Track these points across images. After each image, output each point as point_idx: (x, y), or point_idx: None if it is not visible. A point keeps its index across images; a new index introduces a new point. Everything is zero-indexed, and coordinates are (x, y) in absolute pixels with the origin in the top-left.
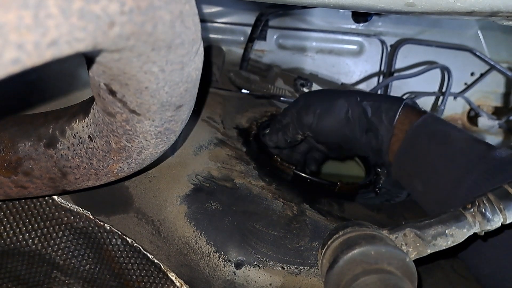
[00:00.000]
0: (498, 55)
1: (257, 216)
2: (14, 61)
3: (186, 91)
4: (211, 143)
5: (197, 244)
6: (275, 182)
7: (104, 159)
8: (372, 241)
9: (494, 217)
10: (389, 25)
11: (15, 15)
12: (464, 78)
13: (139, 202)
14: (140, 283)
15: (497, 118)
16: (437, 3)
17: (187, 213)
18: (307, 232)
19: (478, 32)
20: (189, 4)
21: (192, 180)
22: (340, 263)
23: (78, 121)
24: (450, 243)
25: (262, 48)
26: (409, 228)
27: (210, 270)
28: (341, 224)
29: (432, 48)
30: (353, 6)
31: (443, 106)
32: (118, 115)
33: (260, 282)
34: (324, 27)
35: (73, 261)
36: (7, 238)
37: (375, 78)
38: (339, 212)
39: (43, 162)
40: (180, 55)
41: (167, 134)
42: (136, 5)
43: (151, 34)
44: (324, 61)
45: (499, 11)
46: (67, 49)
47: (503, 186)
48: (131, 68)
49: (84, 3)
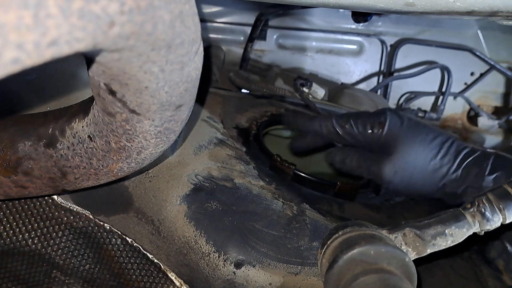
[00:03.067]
0: (498, 55)
1: (257, 216)
2: (14, 61)
3: (186, 91)
4: (211, 143)
5: (197, 243)
6: (275, 182)
7: (103, 158)
8: (371, 241)
9: (493, 217)
10: (389, 25)
11: (15, 15)
12: (464, 78)
13: (139, 202)
14: (140, 282)
15: (497, 118)
16: (437, 3)
17: (187, 212)
18: (306, 232)
19: (478, 32)
20: (189, 4)
21: (192, 180)
22: (339, 262)
23: (78, 121)
24: (449, 243)
25: (262, 48)
26: (408, 228)
27: (210, 269)
28: (340, 224)
29: (432, 48)
30: (353, 6)
31: (443, 106)
32: (118, 115)
33: (260, 282)
34: (324, 27)
35: (73, 261)
36: (7, 238)
37: (375, 78)
38: (339, 212)
39: (43, 162)
40: (180, 55)
41: (167, 134)
42: (136, 5)
43: (151, 34)
44: (324, 61)
45: (499, 11)
46: (67, 49)
47: (502, 186)
48: (131, 68)
49: (84, 3)
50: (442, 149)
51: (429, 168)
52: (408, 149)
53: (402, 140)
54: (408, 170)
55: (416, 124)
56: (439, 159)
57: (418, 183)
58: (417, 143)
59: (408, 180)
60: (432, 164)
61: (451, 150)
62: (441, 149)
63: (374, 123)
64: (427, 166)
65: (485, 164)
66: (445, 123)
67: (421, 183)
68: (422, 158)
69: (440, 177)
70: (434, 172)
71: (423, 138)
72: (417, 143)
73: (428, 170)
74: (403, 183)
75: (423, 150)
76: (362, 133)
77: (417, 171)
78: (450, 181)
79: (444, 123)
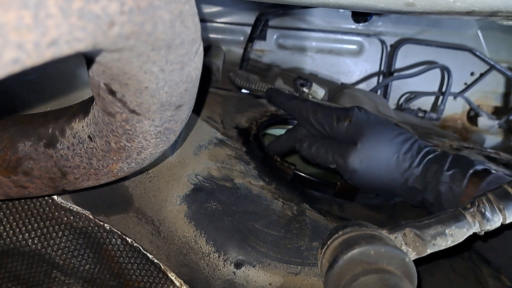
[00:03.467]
0: (498, 55)
1: (257, 216)
2: (14, 61)
3: (186, 91)
4: (211, 143)
5: (197, 244)
6: (275, 182)
7: (103, 159)
8: (371, 241)
9: (493, 217)
10: (389, 25)
11: (15, 15)
12: (464, 78)
13: (139, 202)
14: (140, 283)
15: (497, 118)
16: (437, 3)
17: (187, 213)
18: (307, 232)
19: (478, 32)
20: (189, 4)
21: (192, 180)
22: (339, 263)
23: (78, 121)
24: (449, 243)
25: (262, 48)
26: (408, 228)
27: (210, 270)
28: (340, 224)
29: (432, 48)
30: (353, 6)
31: (443, 106)
32: (118, 115)
33: (260, 282)
34: (324, 27)
35: (73, 261)
36: (7, 238)
37: (375, 78)
38: (339, 212)
39: (43, 162)
40: (180, 55)
41: (167, 134)
42: (136, 5)
43: (151, 34)
44: (324, 61)
45: (499, 11)
46: (67, 49)
47: (502, 186)
48: (131, 68)
49: (84, 3)
50: (405, 145)
51: (392, 161)
52: (374, 141)
53: (368, 133)
54: (373, 161)
55: (382, 121)
56: (403, 154)
57: (382, 175)
58: (382, 137)
59: (372, 171)
60: (396, 157)
61: (414, 147)
62: (404, 145)
63: (342, 115)
64: (391, 159)
65: (444, 161)
66: (445, 123)
67: (385, 175)
68: (387, 151)
69: (403, 171)
70: (398, 165)
71: (388, 133)
72: (382, 137)
73: (392, 163)
74: (367, 173)
75: (388, 143)
76: (330, 124)
77: (381, 162)
78: (411, 176)
79: (444, 123)
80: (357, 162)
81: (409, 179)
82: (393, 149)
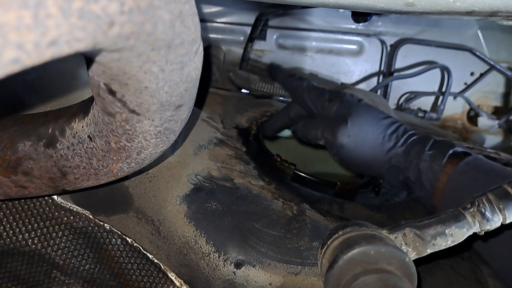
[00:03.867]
0: (498, 55)
1: (257, 216)
2: (13, 61)
3: (186, 91)
4: (211, 143)
5: (197, 244)
6: (275, 182)
7: (103, 159)
8: (371, 241)
9: (493, 217)
10: (389, 25)
11: (15, 15)
12: (464, 78)
13: (139, 202)
14: (140, 283)
15: (497, 118)
16: (437, 3)
17: (187, 213)
18: (307, 232)
19: (478, 32)
20: (189, 4)
21: (191, 180)
22: (339, 262)
23: (78, 121)
24: (449, 243)
25: (262, 48)
26: (408, 228)
27: (210, 270)
28: (340, 224)
29: (432, 48)
30: (353, 6)
31: (443, 106)
32: (118, 115)
33: (260, 282)
34: (324, 27)
35: (73, 261)
36: (7, 238)
37: (375, 78)
38: (339, 212)
39: (43, 162)
40: (180, 54)
41: (166, 134)
42: (136, 5)
43: (151, 34)
44: (324, 61)
45: (499, 11)
46: (67, 49)
47: (502, 186)
48: (131, 68)
49: (84, 3)
50: (392, 127)
51: (378, 139)
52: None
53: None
54: (359, 138)
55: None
56: (388, 134)
57: (367, 152)
58: (370, 117)
59: (358, 148)
60: (382, 136)
61: (399, 129)
62: (391, 127)
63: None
64: (377, 137)
65: (426, 143)
66: (445, 123)
67: (370, 152)
68: (374, 130)
69: (387, 150)
70: (383, 144)
71: (376, 115)
72: (370, 117)
73: (378, 141)
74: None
75: (375, 123)
76: (322, 102)
77: (367, 140)
78: (395, 155)
79: (444, 123)
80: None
81: (393, 158)
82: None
